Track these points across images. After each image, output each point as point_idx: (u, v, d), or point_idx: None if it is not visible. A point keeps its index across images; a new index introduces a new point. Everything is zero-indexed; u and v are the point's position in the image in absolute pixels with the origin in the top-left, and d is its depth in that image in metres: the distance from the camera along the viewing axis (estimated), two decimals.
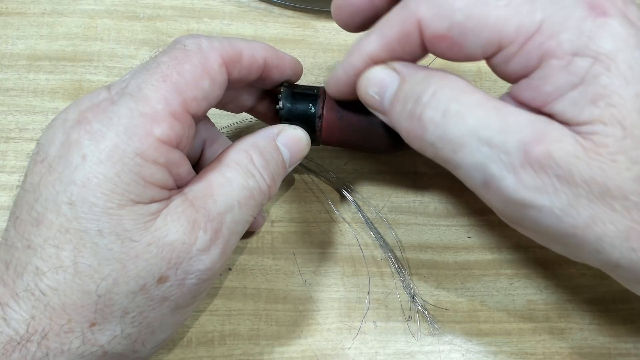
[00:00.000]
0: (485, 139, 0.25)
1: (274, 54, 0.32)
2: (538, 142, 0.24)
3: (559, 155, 0.23)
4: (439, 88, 0.26)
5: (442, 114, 0.26)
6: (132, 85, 0.26)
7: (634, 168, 0.23)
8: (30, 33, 0.42)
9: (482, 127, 0.25)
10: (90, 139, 0.25)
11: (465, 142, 0.25)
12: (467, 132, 0.25)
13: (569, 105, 0.24)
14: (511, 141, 0.24)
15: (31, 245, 0.25)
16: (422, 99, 0.27)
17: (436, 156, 0.27)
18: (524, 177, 0.24)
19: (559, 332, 0.36)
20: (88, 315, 0.25)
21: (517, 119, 0.25)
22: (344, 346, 0.35)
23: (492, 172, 0.25)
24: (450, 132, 0.25)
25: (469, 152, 0.25)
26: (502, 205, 0.26)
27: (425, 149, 0.27)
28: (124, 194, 0.25)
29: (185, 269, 0.26)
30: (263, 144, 0.31)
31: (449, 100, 0.26)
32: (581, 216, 0.24)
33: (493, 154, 0.24)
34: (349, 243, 0.38)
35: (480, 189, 0.26)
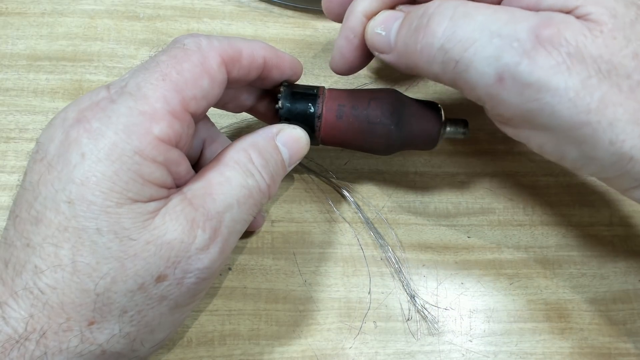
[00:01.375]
0: (496, 31, 0.26)
1: (273, 53, 0.32)
2: (547, 25, 0.25)
3: (568, 34, 0.25)
4: (443, 2, 0.28)
5: (450, 17, 0.27)
6: (131, 84, 0.26)
7: (630, 45, 0.25)
8: (30, 33, 0.42)
9: (491, 21, 0.26)
10: (90, 138, 0.25)
11: (475, 37, 0.26)
12: (477, 27, 0.26)
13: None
14: (521, 29, 0.25)
15: (30, 243, 0.25)
16: (428, 11, 0.28)
17: (445, 61, 0.28)
18: (538, 58, 0.25)
19: (559, 332, 0.36)
20: (86, 314, 0.25)
21: (522, 12, 0.26)
22: (344, 346, 0.35)
23: (506, 61, 0.26)
24: (460, 30, 0.27)
25: (480, 45, 0.26)
26: (517, 99, 0.26)
27: (434, 58, 0.28)
28: (122, 192, 0.25)
29: (184, 268, 0.26)
30: (262, 143, 0.31)
31: (455, 5, 0.27)
32: (593, 98, 0.25)
33: (504, 43, 0.26)
34: (349, 243, 0.38)
35: (494, 87, 0.27)
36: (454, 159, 0.41)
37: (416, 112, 0.34)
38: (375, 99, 0.33)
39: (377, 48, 0.31)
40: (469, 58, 0.27)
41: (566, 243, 0.39)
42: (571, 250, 0.38)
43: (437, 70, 0.28)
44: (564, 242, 0.39)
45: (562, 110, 0.26)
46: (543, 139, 0.28)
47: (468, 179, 0.40)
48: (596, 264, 0.38)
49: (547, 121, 0.27)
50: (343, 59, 0.33)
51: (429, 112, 0.34)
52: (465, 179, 0.40)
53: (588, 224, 0.39)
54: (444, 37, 0.27)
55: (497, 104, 0.28)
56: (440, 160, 0.41)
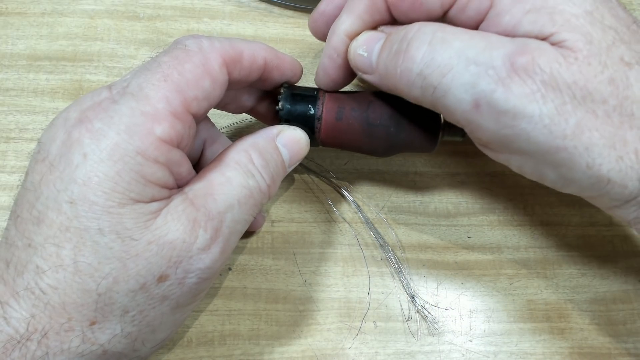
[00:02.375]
0: (472, 58, 0.26)
1: (274, 54, 0.32)
2: (522, 52, 0.25)
3: (542, 62, 0.25)
4: (422, 26, 0.28)
5: (429, 43, 0.27)
6: (133, 85, 0.26)
7: (605, 71, 0.25)
8: (30, 33, 0.42)
9: (468, 47, 0.26)
10: (92, 138, 0.25)
11: (453, 63, 0.26)
12: (454, 54, 0.27)
13: (529, 25, 0.26)
14: (496, 56, 0.26)
15: (32, 243, 0.25)
16: (408, 35, 0.28)
17: (424, 87, 0.28)
18: (513, 86, 0.25)
19: (559, 332, 0.36)
20: (88, 314, 0.25)
21: (498, 39, 0.26)
22: (344, 346, 0.35)
23: (482, 87, 0.26)
24: (438, 57, 0.27)
25: (457, 72, 0.26)
26: (494, 125, 0.27)
27: (413, 83, 0.28)
28: (124, 192, 0.25)
29: (186, 268, 0.26)
30: (263, 144, 0.31)
31: (433, 31, 0.28)
32: (568, 124, 0.25)
33: (480, 70, 0.26)
34: (349, 243, 0.38)
35: (471, 113, 0.27)
36: (454, 159, 0.41)
37: (415, 115, 0.34)
38: (375, 101, 0.33)
39: (360, 69, 0.32)
40: (447, 84, 0.27)
41: (566, 243, 0.39)
42: (571, 250, 0.39)
43: (416, 95, 0.29)
44: (564, 242, 0.39)
45: (538, 136, 0.26)
46: (521, 162, 0.28)
47: (468, 179, 0.40)
48: (596, 264, 0.38)
49: (523, 146, 0.27)
50: (327, 77, 0.33)
51: (429, 114, 0.34)
52: (465, 179, 0.40)
53: (588, 224, 0.39)
54: (423, 63, 0.27)
55: (474, 128, 0.28)
56: (440, 160, 0.41)
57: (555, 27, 0.26)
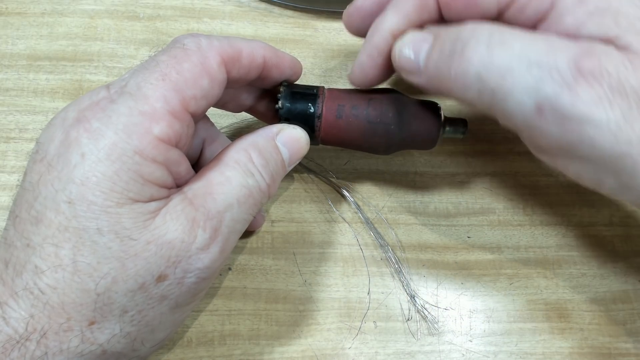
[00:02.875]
0: (535, 60, 0.25)
1: (273, 53, 0.32)
2: (588, 55, 0.24)
3: (609, 66, 0.24)
4: (477, 26, 0.27)
5: (486, 44, 0.26)
6: (131, 84, 0.26)
7: None
8: (30, 33, 0.42)
9: (529, 49, 0.25)
10: (90, 138, 0.25)
11: (513, 65, 0.25)
12: (514, 56, 0.25)
13: (594, 27, 0.25)
14: (561, 59, 0.25)
15: (30, 244, 0.25)
16: (462, 36, 0.27)
17: (482, 89, 0.27)
18: (580, 91, 0.24)
19: (559, 332, 0.36)
20: (87, 314, 0.25)
21: (562, 41, 0.25)
22: (344, 346, 0.35)
23: (546, 92, 0.25)
24: (497, 59, 0.26)
25: (518, 75, 0.25)
26: (557, 130, 0.26)
27: (469, 85, 0.27)
28: (123, 192, 0.25)
29: (185, 268, 0.26)
30: (262, 143, 0.31)
31: (490, 33, 0.26)
32: (635, 131, 0.24)
33: (544, 73, 0.25)
34: (349, 243, 0.38)
35: (532, 118, 0.26)
36: (454, 159, 0.41)
37: (416, 112, 0.34)
38: (375, 98, 0.33)
39: (405, 70, 0.30)
40: (507, 87, 0.26)
41: (566, 243, 0.39)
42: (571, 250, 0.38)
43: (472, 97, 0.28)
44: (564, 242, 0.39)
45: (603, 143, 0.25)
46: (581, 168, 0.27)
47: (468, 179, 0.40)
48: (596, 264, 0.38)
49: (586, 152, 0.26)
50: (363, 75, 0.32)
51: (429, 112, 0.34)
52: (465, 179, 0.40)
53: (588, 224, 0.39)
54: (481, 65, 0.26)
55: (534, 134, 0.27)
56: (440, 160, 0.41)
57: (621, 30, 0.25)
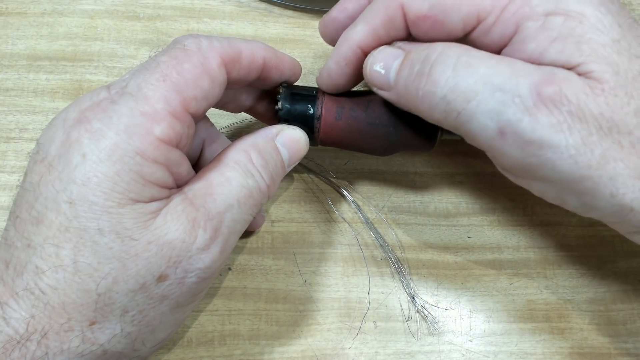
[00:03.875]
0: (498, 85, 0.26)
1: (273, 54, 0.32)
2: (549, 82, 0.25)
3: (569, 92, 0.25)
4: (446, 48, 0.28)
5: (453, 67, 0.27)
6: (132, 85, 0.26)
7: (632, 102, 0.25)
8: (30, 33, 0.42)
9: (494, 74, 0.26)
10: (91, 138, 0.25)
11: (478, 89, 0.26)
12: (479, 79, 0.26)
13: (556, 54, 0.26)
14: (523, 84, 0.25)
15: (31, 244, 0.25)
16: (431, 57, 0.28)
17: (447, 111, 0.27)
18: (539, 116, 0.25)
19: (559, 332, 0.36)
20: (88, 314, 0.25)
21: (525, 66, 0.26)
22: (344, 346, 0.35)
23: (508, 116, 0.25)
24: (463, 82, 0.26)
25: (482, 99, 0.26)
26: (519, 152, 0.26)
27: (436, 106, 0.28)
28: (124, 192, 0.25)
29: (185, 268, 0.26)
30: (262, 143, 0.31)
31: (457, 55, 0.27)
32: (594, 155, 0.25)
33: (507, 98, 0.25)
34: (349, 243, 0.38)
35: (495, 140, 0.27)
36: (454, 159, 0.41)
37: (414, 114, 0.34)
38: (374, 100, 0.33)
39: (376, 85, 0.31)
40: (472, 110, 0.26)
41: (566, 243, 0.39)
42: (571, 250, 0.38)
43: (438, 117, 0.28)
44: (564, 242, 0.39)
45: (563, 166, 0.26)
46: (544, 188, 0.28)
47: (468, 179, 0.40)
48: (596, 264, 0.38)
49: (547, 174, 0.27)
50: (330, 81, 0.33)
51: None
52: (465, 179, 0.40)
53: (588, 224, 0.39)
54: (447, 88, 0.27)
55: (498, 154, 0.28)
56: (440, 160, 0.41)
57: (582, 57, 0.25)
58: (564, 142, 0.25)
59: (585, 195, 0.26)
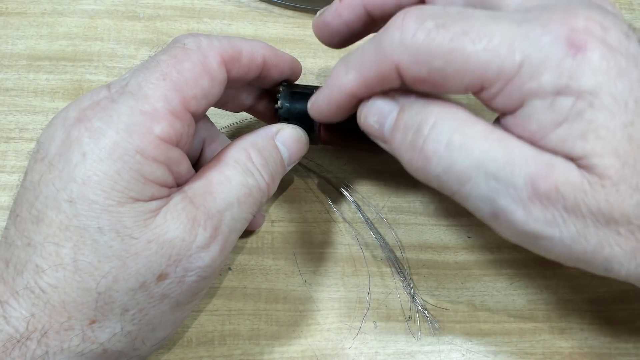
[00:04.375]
0: (492, 173, 0.24)
1: (273, 53, 0.32)
2: (545, 176, 0.24)
3: (565, 189, 0.23)
4: (439, 119, 0.26)
5: (446, 146, 0.25)
6: (132, 84, 0.26)
7: (635, 195, 0.23)
8: (30, 33, 0.42)
9: (488, 159, 0.24)
10: (91, 137, 0.25)
11: (471, 174, 0.25)
12: (473, 164, 0.25)
13: (558, 141, 0.24)
14: (518, 175, 0.24)
15: (31, 243, 0.25)
16: (423, 130, 0.26)
17: (442, 188, 0.27)
18: (533, 211, 0.24)
19: (559, 332, 0.36)
20: (88, 313, 0.25)
21: (522, 152, 0.24)
22: (344, 346, 0.35)
23: (501, 205, 0.25)
24: (456, 165, 0.25)
25: (475, 184, 0.25)
26: (513, 236, 0.26)
27: (430, 180, 0.27)
28: (124, 191, 0.25)
29: (185, 266, 0.26)
30: (262, 142, 0.31)
31: (451, 131, 0.25)
32: (589, 243, 0.24)
33: (500, 187, 0.24)
34: (349, 243, 0.38)
35: (490, 221, 0.26)
36: None
37: None
38: None
39: (372, 136, 0.30)
40: (466, 194, 0.26)
41: None
42: None
43: (433, 187, 0.27)
44: None
45: (558, 251, 0.25)
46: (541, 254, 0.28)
47: None
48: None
49: (543, 253, 0.26)
50: (321, 116, 0.31)
51: None
52: None
53: None
54: (440, 169, 0.25)
55: (494, 230, 0.27)
56: None
57: (586, 149, 0.23)
58: (557, 234, 0.24)
59: (581, 265, 0.26)
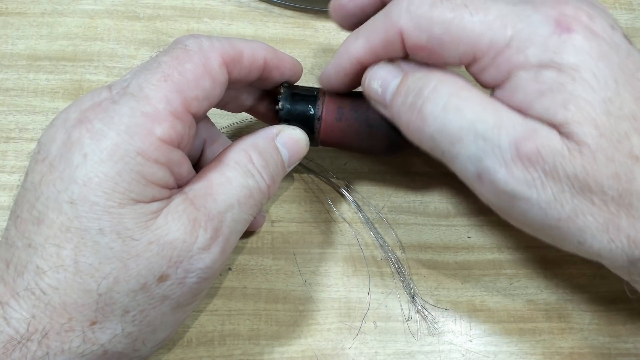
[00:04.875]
0: (481, 133, 0.26)
1: (274, 54, 0.32)
2: (528, 139, 0.25)
3: (546, 152, 0.25)
4: (439, 83, 0.28)
5: (442, 108, 0.27)
6: (133, 85, 0.26)
7: (610, 166, 0.25)
8: (30, 33, 0.42)
9: (479, 121, 0.26)
10: (92, 138, 0.25)
11: (462, 135, 0.27)
12: (465, 125, 0.27)
13: (542, 110, 0.26)
14: (504, 136, 0.26)
15: (32, 244, 0.25)
16: (423, 92, 0.28)
17: (434, 148, 0.29)
18: (515, 171, 0.26)
19: (559, 332, 0.36)
20: (89, 314, 0.25)
21: (510, 117, 0.26)
22: (344, 346, 0.35)
23: (486, 164, 0.26)
24: (449, 125, 0.27)
25: (465, 144, 0.27)
26: (494, 197, 0.28)
27: (423, 141, 0.29)
28: (125, 192, 0.25)
29: (186, 268, 0.26)
30: (262, 144, 0.31)
31: (449, 94, 0.28)
32: (564, 209, 0.26)
33: (487, 147, 0.26)
34: (349, 243, 0.38)
35: (474, 182, 0.28)
36: None
37: None
38: None
39: (373, 100, 0.32)
40: (455, 153, 0.27)
41: None
42: None
43: (425, 148, 0.29)
44: None
45: (534, 216, 0.27)
46: (519, 226, 0.30)
47: None
48: (596, 264, 0.38)
49: (519, 219, 0.28)
50: (330, 86, 0.34)
51: None
52: None
53: None
54: (434, 128, 0.28)
55: (477, 193, 0.29)
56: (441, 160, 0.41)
57: (567, 117, 0.25)
58: (535, 196, 0.26)
59: (555, 239, 0.28)
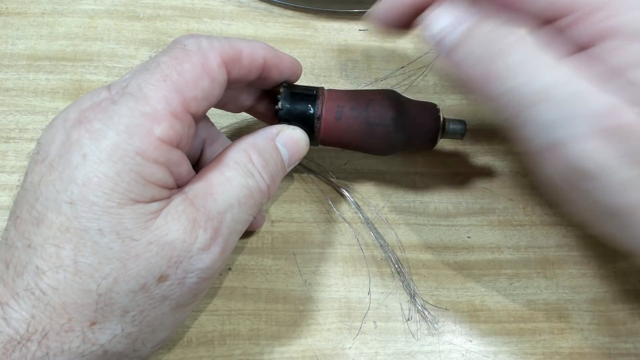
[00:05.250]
0: (562, 100, 0.23)
1: (273, 53, 0.32)
2: (614, 113, 0.23)
3: (632, 130, 0.23)
4: (520, 38, 0.25)
5: (520, 65, 0.24)
6: (132, 85, 0.26)
7: None
8: (30, 33, 0.42)
9: (559, 85, 0.24)
10: (91, 138, 0.25)
11: (539, 99, 0.24)
12: (542, 89, 0.24)
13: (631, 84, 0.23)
14: (589, 107, 0.23)
15: (31, 244, 0.25)
16: (497, 45, 0.25)
17: (503, 106, 0.25)
18: (594, 145, 0.23)
19: (559, 332, 0.36)
20: (88, 315, 0.25)
21: (594, 87, 0.23)
22: (344, 346, 0.35)
23: (561, 135, 0.23)
24: (525, 87, 0.24)
25: (540, 110, 0.24)
26: (562, 172, 0.25)
27: (492, 97, 0.25)
28: (124, 193, 0.25)
29: (186, 268, 0.26)
30: (262, 143, 0.31)
31: (526, 51, 0.24)
32: (637, 196, 0.23)
33: (566, 116, 0.23)
34: (349, 243, 0.38)
35: (542, 152, 0.25)
36: (454, 159, 0.41)
37: (415, 113, 0.34)
38: (374, 99, 0.33)
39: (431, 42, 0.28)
40: (528, 117, 0.24)
41: (566, 243, 0.39)
42: (571, 250, 0.38)
43: (490, 105, 0.26)
44: (564, 242, 0.39)
45: (602, 199, 0.24)
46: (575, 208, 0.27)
47: (468, 179, 0.40)
48: (596, 264, 0.38)
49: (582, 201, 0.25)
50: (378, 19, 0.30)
51: (428, 113, 0.35)
52: (465, 179, 0.40)
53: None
54: (505, 87, 0.24)
55: (537, 165, 0.26)
56: (440, 160, 0.41)
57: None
58: (610, 176, 0.23)
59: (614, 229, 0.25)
